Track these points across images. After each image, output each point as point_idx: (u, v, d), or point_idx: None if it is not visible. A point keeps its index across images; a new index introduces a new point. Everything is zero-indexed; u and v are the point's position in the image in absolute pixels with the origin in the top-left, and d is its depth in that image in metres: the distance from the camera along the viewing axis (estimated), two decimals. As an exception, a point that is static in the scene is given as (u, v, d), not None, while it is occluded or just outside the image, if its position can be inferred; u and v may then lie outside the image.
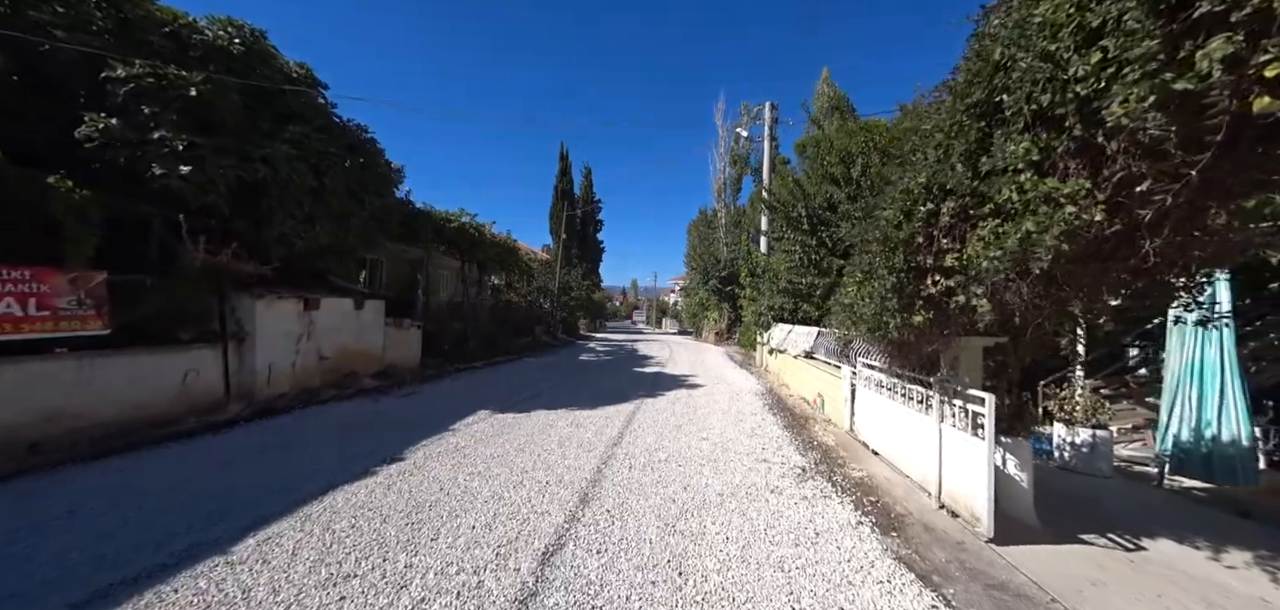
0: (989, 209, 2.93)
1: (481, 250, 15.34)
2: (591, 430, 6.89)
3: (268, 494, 4.25)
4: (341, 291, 9.61)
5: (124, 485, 4.44)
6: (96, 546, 3.35)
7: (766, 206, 10.18)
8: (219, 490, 4.35)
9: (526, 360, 16.59)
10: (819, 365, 8.88)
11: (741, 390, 11.00)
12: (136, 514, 3.86)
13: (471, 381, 11.25)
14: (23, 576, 3.00)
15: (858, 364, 6.40)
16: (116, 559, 3.20)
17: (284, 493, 4.27)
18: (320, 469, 4.90)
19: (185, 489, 4.37)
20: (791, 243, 10.20)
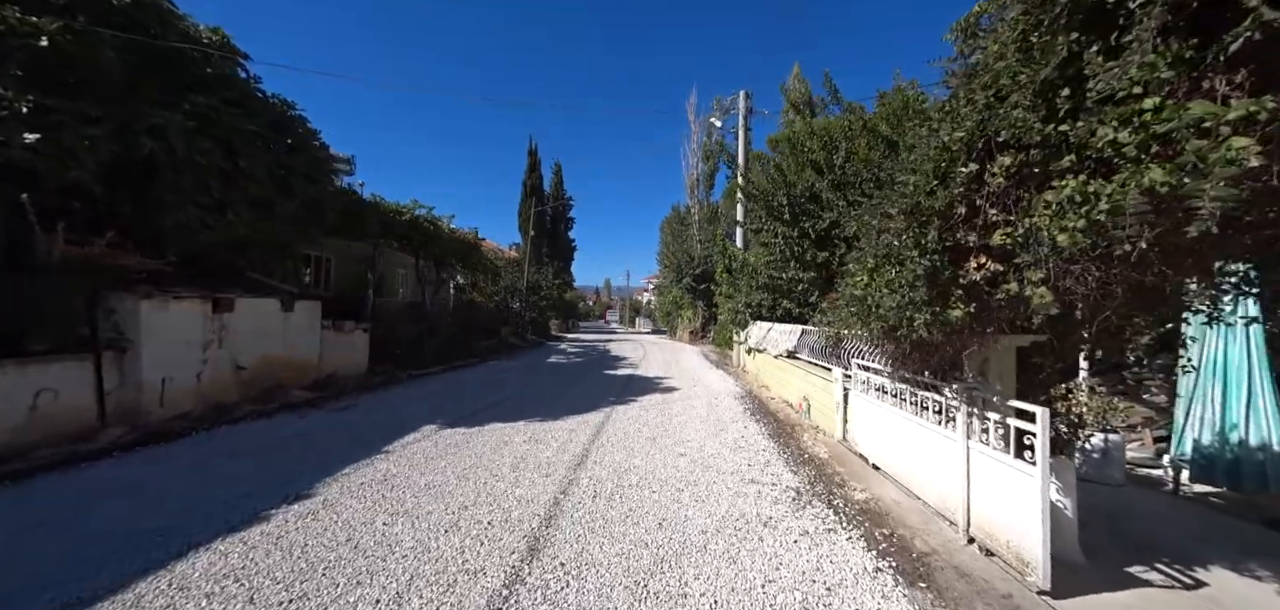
0: (1068, 162, 2.13)
1: (438, 246, 14.11)
2: (552, 447, 5.93)
3: (79, 567, 3.06)
4: (266, 291, 8.34)
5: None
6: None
7: (744, 195, 9.40)
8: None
9: (491, 364, 15.43)
10: (803, 366, 8.15)
11: (719, 393, 10.21)
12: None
13: (423, 390, 10.10)
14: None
15: (852, 366, 5.64)
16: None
17: (107, 563, 3.11)
18: (192, 516, 3.79)
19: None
20: (771, 235, 9.47)
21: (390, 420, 7.23)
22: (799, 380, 8.25)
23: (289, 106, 8.85)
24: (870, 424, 5.18)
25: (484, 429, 6.81)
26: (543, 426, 6.98)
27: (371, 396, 9.10)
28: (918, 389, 4.24)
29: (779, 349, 9.65)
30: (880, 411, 4.91)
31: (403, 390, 9.95)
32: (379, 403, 8.55)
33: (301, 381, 8.74)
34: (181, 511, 3.89)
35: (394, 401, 8.72)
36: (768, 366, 10.89)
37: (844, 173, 8.57)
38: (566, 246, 43.33)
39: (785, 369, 9.20)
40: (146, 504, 4.06)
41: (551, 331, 33.34)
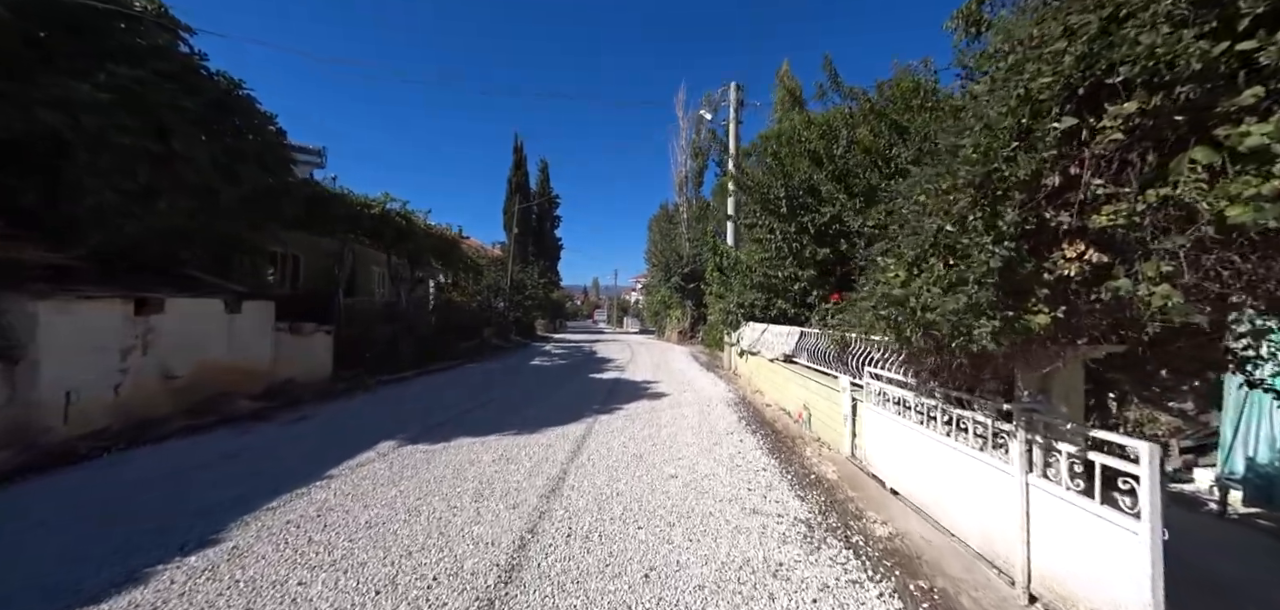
0: (1252, 96, 1.45)
1: (412, 242, 13.21)
2: (524, 468, 5.16)
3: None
4: (207, 289, 7.42)
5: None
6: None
7: (738, 188, 8.71)
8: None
9: (469, 367, 14.57)
10: (802, 372, 7.48)
11: (711, 399, 9.51)
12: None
13: (391, 398, 9.24)
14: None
15: (863, 375, 4.96)
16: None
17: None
18: (46, 579, 2.96)
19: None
20: (766, 230, 8.79)
21: (344, 435, 6.39)
22: (797, 387, 7.57)
23: (236, 86, 7.92)
24: (888, 442, 4.49)
25: (450, 445, 6.01)
26: (517, 441, 6.20)
27: (331, 406, 8.23)
28: (953, 407, 3.56)
29: (775, 352, 8.97)
30: (901, 429, 4.23)
31: (368, 398, 9.07)
32: (338, 413, 7.68)
33: (250, 390, 7.84)
34: (43, 569, 3.05)
35: (355, 412, 7.85)
36: (762, 370, 10.21)
37: (845, 163, 7.91)
38: (553, 245, 42.42)
39: (782, 374, 8.53)
40: (11, 557, 3.20)
41: (537, 332, 32.45)
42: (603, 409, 8.41)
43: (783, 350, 8.55)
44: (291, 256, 15.06)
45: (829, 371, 6.45)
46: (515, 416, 7.70)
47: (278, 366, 8.70)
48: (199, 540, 3.44)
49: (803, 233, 7.88)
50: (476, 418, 7.56)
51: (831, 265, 7.90)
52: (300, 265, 15.21)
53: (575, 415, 7.79)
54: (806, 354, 7.67)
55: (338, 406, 8.21)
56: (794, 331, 8.18)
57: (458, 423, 7.20)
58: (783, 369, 8.52)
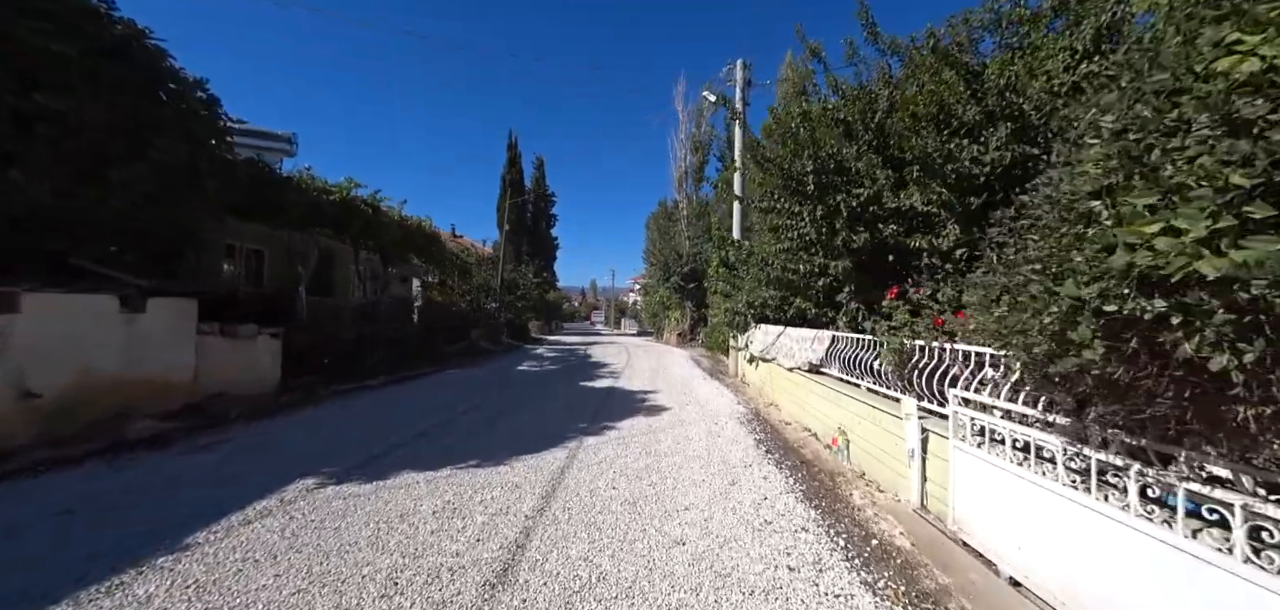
0: None
1: (380, 234, 11.73)
2: (474, 527, 3.70)
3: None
4: (94, 283, 5.92)
5: None
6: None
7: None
8: None
9: (449, 373, 13.09)
10: (835, 387, 6.02)
11: (720, 415, 8.05)
12: None
13: (342, 413, 7.76)
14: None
15: (950, 400, 3.49)
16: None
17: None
18: None
19: None
20: (785, 216, 7.34)
21: (254, 468, 4.92)
22: (828, 405, 6.12)
23: (143, 34, 6.44)
24: (1002, 504, 3.02)
25: (385, 486, 4.54)
26: (475, 479, 4.74)
27: (262, 425, 6.74)
28: (1147, 466, 2.10)
29: (796, 361, 7.51)
30: (1032, 490, 2.76)
31: (313, 414, 7.59)
32: (263, 436, 6.20)
33: (161, 407, 6.35)
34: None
35: (287, 434, 6.37)
36: (778, 380, 8.76)
37: (883, 133, 6.47)
38: (548, 244, 41.03)
39: (805, 387, 7.07)
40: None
41: (531, 334, 30.97)
42: (591, 428, 6.95)
43: (806, 358, 7.10)
44: (253, 252, 13.65)
45: (880, 390, 4.99)
46: (483, 439, 6.23)
47: (205, 377, 7.21)
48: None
49: (833, 216, 6.42)
50: (434, 442, 6.09)
51: (871, 255, 6.45)
52: (264, 262, 13.78)
53: (557, 437, 6.32)
54: (838, 363, 6.22)
55: (270, 426, 6.72)
56: (821, 335, 6.72)
57: (408, 449, 5.73)
58: (806, 381, 7.07)
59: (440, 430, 6.71)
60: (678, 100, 28.03)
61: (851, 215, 6.28)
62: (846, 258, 6.32)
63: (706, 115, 26.14)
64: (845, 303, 7.22)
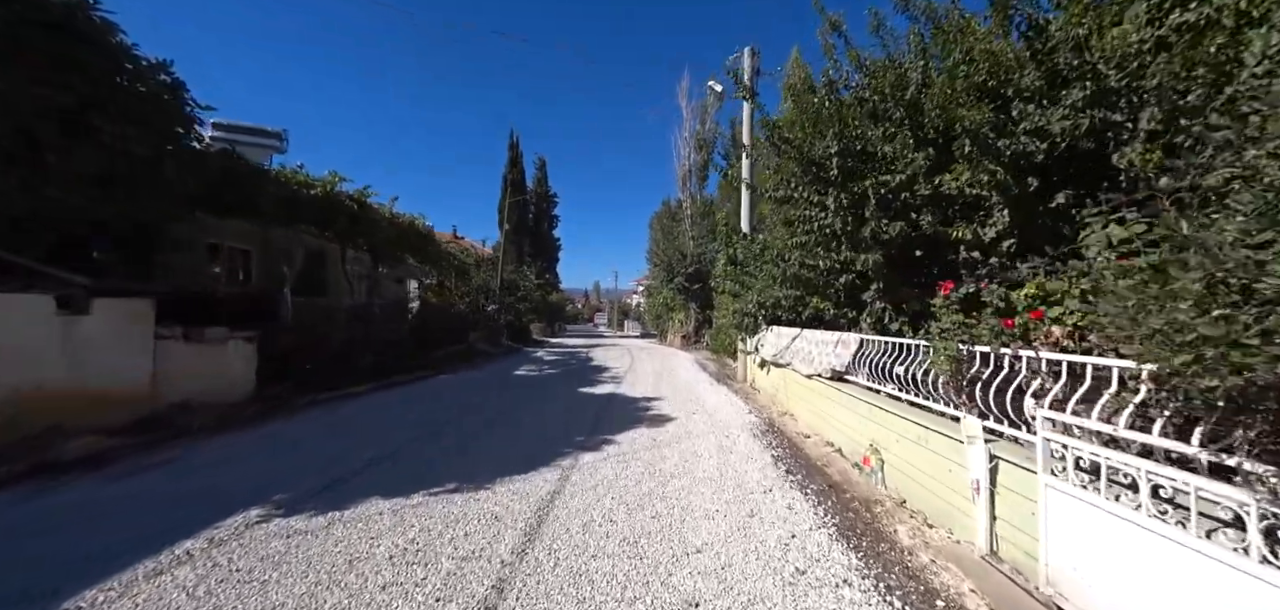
0: None
1: (371, 232, 11.03)
2: (436, 579, 2.98)
3: None
4: (23, 280, 5.23)
5: None
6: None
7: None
8: None
9: (442, 378, 12.38)
10: (865, 398, 5.26)
11: (730, 426, 7.29)
12: None
13: (318, 424, 7.05)
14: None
15: (1040, 425, 2.72)
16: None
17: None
18: None
19: None
20: (804, 206, 6.57)
21: (194, 495, 4.21)
22: (856, 418, 5.36)
23: (87, 4, 5.75)
24: (1143, 573, 2.24)
25: (340, 518, 3.82)
26: (449, 508, 4.01)
27: (223, 440, 6.03)
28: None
29: (815, 366, 6.75)
30: (1205, 567, 1.98)
31: (282, 427, 6.88)
32: (218, 453, 5.48)
33: (109, 420, 5.65)
34: None
35: (247, 450, 5.66)
36: (793, 387, 7.99)
37: (917, 110, 5.71)
38: (550, 244, 40.37)
39: (827, 396, 6.31)
40: None
41: (532, 336, 30.28)
42: (588, 442, 6.21)
43: (828, 364, 6.33)
44: (240, 251, 13.02)
45: (926, 404, 4.22)
46: (466, 456, 5.50)
47: (165, 385, 6.52)
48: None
49: (860, 204, 5.65)
50: (411, 459, 5.36)
51: (900, 249, 5.68)
52: (251, 261, 13.16)
53: (549, 454, 5.58)
54: (869, 371, 5.45)
55: (232, 441, 6.01)
56: (846, 339, 5.95)
57: (380, 469, 5.01)
58: (828, 389, 6.30)
59: (420, 444, 5.99)
60: (681, 97, 27.32)
61: (881, 203, 5.51)
62: (876, 251, 5.54)
63: (711, 112, 25.42)
64: (870, 302, 6.45)
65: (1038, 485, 2.67)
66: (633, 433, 6.76)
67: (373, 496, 4.27)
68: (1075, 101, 3.68)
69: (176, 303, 7.87)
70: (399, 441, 6.09)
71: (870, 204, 5.55)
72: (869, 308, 6.52)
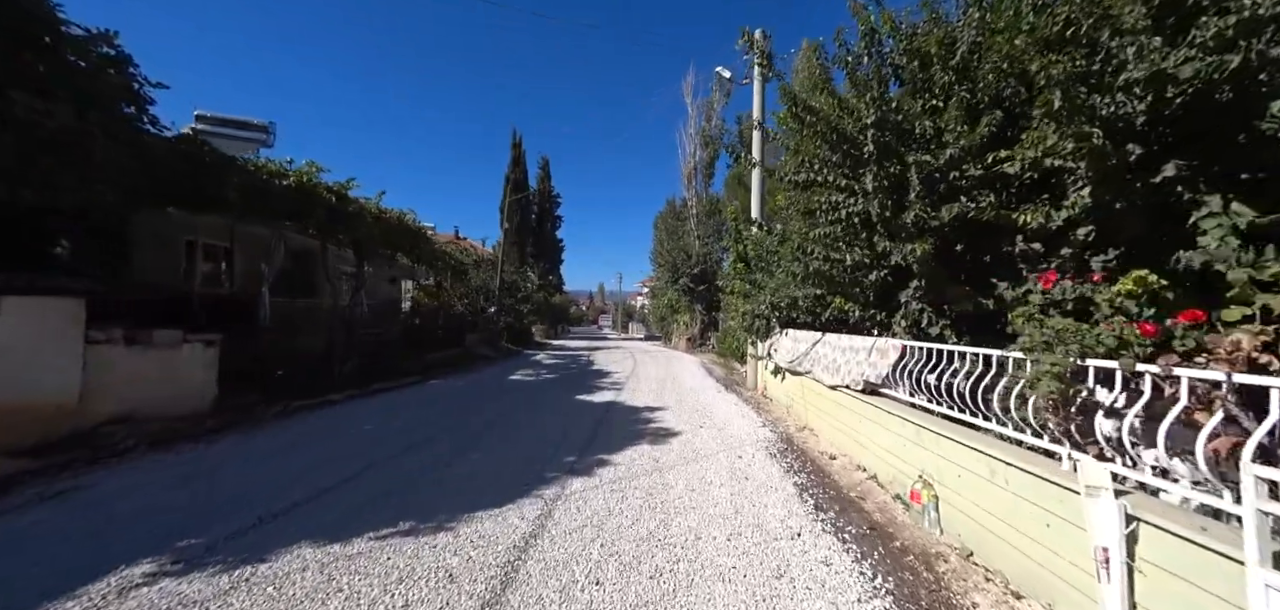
0: None
1: (352, 226, 10.20)
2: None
3: None
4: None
5: None
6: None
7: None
8: None
9: (432, 385, 11.53)
10: (911, 418, 4.32)
11: (743, 443, 6.37)
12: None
13: (275, 440, 6.20)
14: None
15: (1250, 491, 1.77)
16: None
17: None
18: None
19: None
20: (829, 190, 5.66)
21: (75, 540, 3.35)
22: (898, 440, 4.43)
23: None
24: None
25: (252, 576, 2.95)
26: (395, 558, 3.12)
27: (154, 461, 5.17)
28: None
29: (842, 376, 5.81)
30: None
31: (232, 444, 6.02)
32: (138, 479, 4.62)
33: (20, 439, 4.82)
34: None
35: (179, 475, 4.80)
36: (813, 399, 7.06)
37: (968, 75, 4.78)
38: (553, 245, 39.59)
39: (858, 412, 5.38)
40: None
41: (533, 339, 29.44)
42: (580, 462, 5.31)
43: (859, 374, 5.39)
44: (222, 249, 12.27)
45: (1006, 432, 3.28)
46: (433, 485, 4.62)
47: (99, 398, 5.69)
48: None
49: (900, 186, 4.72)
50: (365, 489, 4.48)
51: (946, 240, 4.75)
52: (233, 260, 12.41)
53: (532, 480, 4.69)
54: (907, 383, 4.51)
55: (163, 463, 5.16)
56: (884, 345, 5.00)
57: (323, 503, 4.13)
58: (858, 403, 5.37)
59: (383, 467, 5.11)
60: (686, 93, 26.43)
61: (928, 183, 4.57)
62: (923, 240, 4.59)
63: (717, 108, 24.52)
64: (907, 301, 5.51)
65: (1252, 584, 1.72)
66: (632, 451, 5.85)
67: (302, 543, 3.39)
68: (1219, 32, 2.74)
69: (140, 306, 7.09)
70: (359, 464, 5.21)
71: (913, 186, 4.61)
72: (904, 309, 5.58)
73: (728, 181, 22.82)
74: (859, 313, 6.56)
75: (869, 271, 5.91)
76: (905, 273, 5.39)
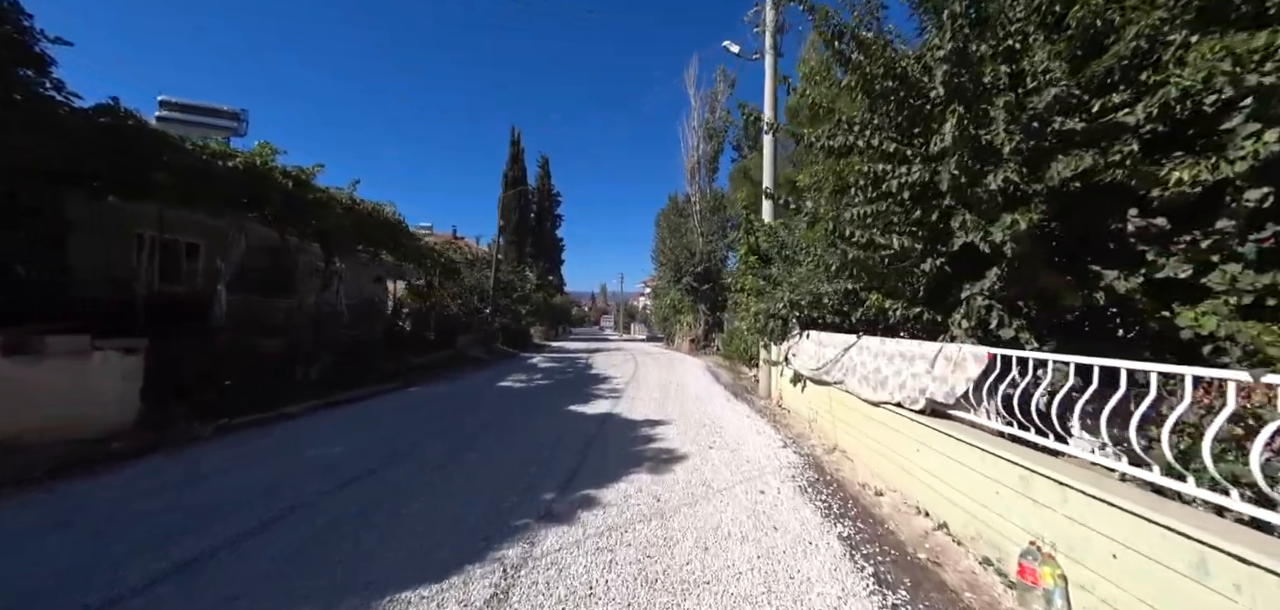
0: None
1: (316, 216, 9.03)
2: None
3: None
4: None
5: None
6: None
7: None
8: None
9: (413, 391, 10.38)
10: (1012, 457, 3.11)
11: (763, 470, 5.17)
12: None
13: (201, 466, 5.03)
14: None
15: None
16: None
17: None
18: None
19: None
20: (871, 156, 4.46)
21: None
22: (983, 484, 3.23)
23: None
24: None
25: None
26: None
27: (12, 506, 4.01)
28: None
29: (892, 392, 4.59)
30: None
31: (135, 477, 4.84)
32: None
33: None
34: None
35: (26, 528, 3.63)
36: (842, 414, 5.87)
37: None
38: (554, 245, 38.44)
39: (911, 436, 4.18)
40: None
41: (532, 340, 28.28)
42: (560, 502, 4.12)
43: (916, 389, 4.18)
44: (188, 245, 11.18)
45: (1225, 504, 2.07)
46: (364, 539, 3.43)
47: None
48: None
49: (981, 155, 3.49)
50: (271, 550, 3.29)
51: (1054, 210, 3.53)
52: (200, 256, 11.30)
53: (494, 533, 3.51)
54: (999, 410, 3.30)
55: (17, 510, 3.99)
56: (965, 353, 3.76)
57: (203, 571, 2.95)
58: (913, 426, 4.16)
59: (308, 511, 3.93)
60: (689, 83, 25.22)
61: (1029, 131, 3.34)
62: (1026, 208, 3.33)
63: (722, 99, 23.31)
64: (970, 297, 4.31)
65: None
66: (626, 484, 4.66)
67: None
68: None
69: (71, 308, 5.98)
70: (279, 505, 4.03)
71: (1003, 139, 3.40)
72: (965, 306, 4.37)
73: (733, 175, 21.64)
74: (901, 311, 5.35)
75: (921, 259, 4.71)
76: (974, 260, 4.18)
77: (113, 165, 6.17)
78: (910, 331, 5.51)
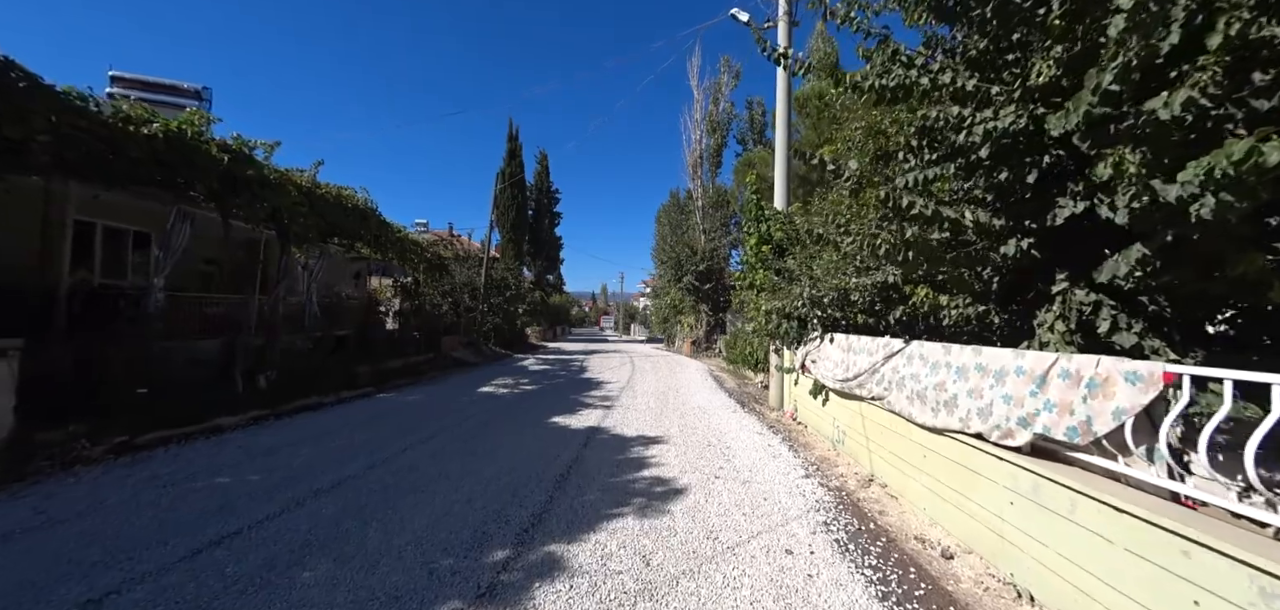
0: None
1: (262, 198, 7.83)
2: None
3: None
4: None
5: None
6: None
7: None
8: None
9: (381, 398, 9.21)
10: (1256, 558, 1.86)
11: (786, 514, 3.96)
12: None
13: (52, 508, 3.84)
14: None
15: None
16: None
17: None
18: None
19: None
20: (938, 101, 3.26)
21: None
22: (1156, 581, 1.99)
23: None
24: None
25: None
26: None
27: None
28: None
29: (965, 416, 3.37)
30: None
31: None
32: None
33: None
34: None
35: None
36: (882, 437, 4.67)
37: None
38: (552, 243, 37.23)
39: (1007, 485, 2.99)
40: None
41: (527, 341, 27.09)
42: (510, 569, 2.92)
43: (1005, 417, 2.96)
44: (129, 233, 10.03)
45: None
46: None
47: None
48: None
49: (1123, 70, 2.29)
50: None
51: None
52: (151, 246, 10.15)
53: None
54: (1169, 452, 2.08)
55: None
56: (1105, 368, 2.52)
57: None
58: (1010, 471, 2.94)
59: (163, 578, 2.73)
60: (692, 76, 24.03)
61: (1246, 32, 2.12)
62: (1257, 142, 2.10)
63: (726, 90, 22.11)
64: (1064, 292, 3.11)
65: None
66: (607, 534, 3.46)
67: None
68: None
69: None
70: (117, 575, 2.84)
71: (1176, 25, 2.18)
72: (1061, 302, 3.18)
73: (737, 169, 20.43)
74: (960, 310, 4.15)
75: (1001, 240, 3.49)
76: (1080, 239, 2.97)
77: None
78: (972, 336, 4.31)
